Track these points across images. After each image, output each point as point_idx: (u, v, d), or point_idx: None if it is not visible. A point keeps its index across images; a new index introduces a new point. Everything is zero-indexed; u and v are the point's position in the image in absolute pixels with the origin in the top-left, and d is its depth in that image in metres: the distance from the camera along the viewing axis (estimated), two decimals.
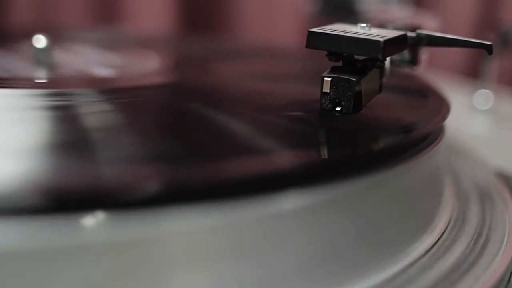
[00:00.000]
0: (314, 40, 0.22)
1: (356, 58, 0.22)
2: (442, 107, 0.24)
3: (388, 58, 0.23)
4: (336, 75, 0.22)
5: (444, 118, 0.23)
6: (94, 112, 0.23)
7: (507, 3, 0.67)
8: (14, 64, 0.34)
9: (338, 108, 0.22)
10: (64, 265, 0.14)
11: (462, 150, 0.31)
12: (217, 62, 0.38)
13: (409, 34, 0.23)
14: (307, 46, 0.22)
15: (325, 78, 0.22)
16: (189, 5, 0.67)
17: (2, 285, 0.14)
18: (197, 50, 0.43)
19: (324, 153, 0.19)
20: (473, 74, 0.60)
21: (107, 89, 0.28)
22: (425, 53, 0.28)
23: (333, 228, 0.17)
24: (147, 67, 0.34)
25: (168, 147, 0.18)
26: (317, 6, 0.45)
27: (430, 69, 0.34)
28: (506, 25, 0.43)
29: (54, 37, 0.34)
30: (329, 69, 0.22)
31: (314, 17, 0.45)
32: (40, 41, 0.32)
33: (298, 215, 0.16)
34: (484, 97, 0.44)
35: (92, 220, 0.14)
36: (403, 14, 0.38)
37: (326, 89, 0.22)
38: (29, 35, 0.33)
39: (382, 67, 0.23)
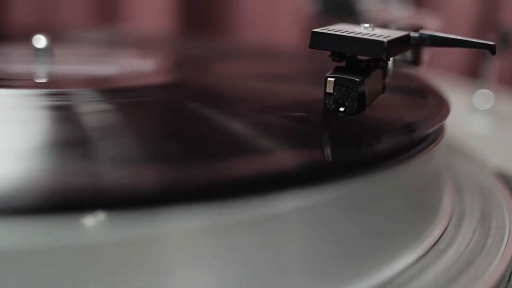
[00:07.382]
0: (318, 40, 0.22)
1: (359, 59, 0.22)
2: (442, 107, 0.24)
3: (391, 58, 0.23)
4: (339, 75, 0.22)
5: (444, 118, 0.23)
6: (94, 112, 0.23)
7: (507, 3, 0.67)
8: (14, 64, 0.34)
9: (341, 109, 0.22)
10: (64, 265, 0.14)
11: (462, 150, 0.31)
12: (217, 62, 0.38)
13: (412, 34, 0.23)
14: (311, 46, 0.22)
15: (329, 79, 0.22)
16: (189, 5, 0.67)
17: (2, 285, 0.14)
18: (197, 50, 0.43)
19: (324, 153, 0.19)
20: (473, 74, 0.60)
21: (107, 89, 0.28)
22: (427, 53, 0.28)
23: (334, 228, 0.17)
24: (147, 67, 0.34)
25: (168, 147, 0.18)
26: (317, 6, 0.45)
27: (430, 69, 0.34)
28: (506, 25, 0.43)
29: (54, 37, 0.34)
30: (332, 70, 0.22)
31: (314, 17, 0.45)
32: (40, 41, 0.32)
33: (299, 216, 0.16)
34: (484, 97, 0.44)
35: (92, 220, 0.14)
36: (403, 14, 0.38)
37: (330, 89, 0.22)
38: (29, 35, 0.33)
39: (385, 67, 0.23)
